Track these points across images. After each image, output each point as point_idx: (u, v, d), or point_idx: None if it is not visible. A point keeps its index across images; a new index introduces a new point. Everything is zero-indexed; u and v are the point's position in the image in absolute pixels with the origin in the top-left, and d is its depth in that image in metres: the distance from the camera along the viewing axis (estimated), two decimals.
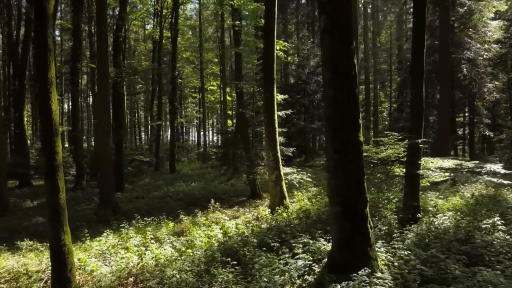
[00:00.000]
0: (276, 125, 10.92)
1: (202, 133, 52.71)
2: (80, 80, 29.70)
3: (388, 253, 5.37)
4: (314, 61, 27.76)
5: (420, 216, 8.24)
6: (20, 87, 22.92)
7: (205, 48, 41.81)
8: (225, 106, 36.80)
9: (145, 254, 6.17)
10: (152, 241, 7.50)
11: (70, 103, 54.18)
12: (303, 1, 40.84)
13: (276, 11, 11.07)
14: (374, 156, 9.02)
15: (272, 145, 10.77)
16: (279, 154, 10.86)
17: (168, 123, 39.36)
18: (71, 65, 21.80)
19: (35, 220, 12.55)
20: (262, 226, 8.70)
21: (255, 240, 6.79)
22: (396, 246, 5.69)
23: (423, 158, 8.86)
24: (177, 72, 30.68)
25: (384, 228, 7.69)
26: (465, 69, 20.15)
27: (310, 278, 4.93)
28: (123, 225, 8.99)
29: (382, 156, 8.89)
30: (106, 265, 6.28)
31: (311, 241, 6.52)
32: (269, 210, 10.01)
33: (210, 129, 57.45)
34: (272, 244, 6.88)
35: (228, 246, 6.60)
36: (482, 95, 21.17)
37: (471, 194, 10.17)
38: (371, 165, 9.31)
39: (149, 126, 48.21)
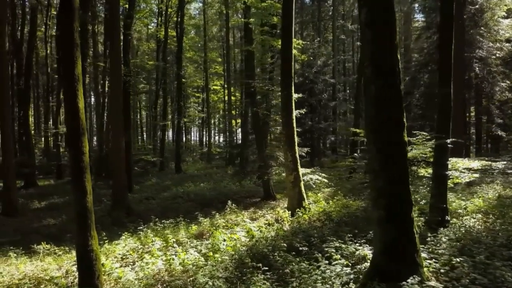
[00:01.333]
0: (294, 125, 10.66)
1: (205, 133, 52.51)
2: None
3: (433, 259, 5.10)
4: (321, 60, 27.52)
5: (448, 218, 7.98)
6: (26, 86, 22.66)
7: (209, 47, 41.55)
8: (230, 106, 36.55)
9: (173, 259, 5.89)
10: (175, 244, 7.23)
11: None
12: (307, 0, 40.55)
13: (293, 8, 10.82)
14: None
15: (290, 145, 10.51)
16: (297, 155, 10.59)
17: (169, 123, 39.13)
18: None
19: (46, 222, 12.27)
20: (284, 228, 8.44)
21: (284, 245, 6.51)
22: (439, 251, 5.43)
23: (450, 159, 8.59)
24: (182, 71, 30.40)
25: None
26: (477, 68, 19.88)
27: (354, 287, 4.66)
28: (140, 227, 8.71)
29: (408, 157, 8.61)
30: (130, 270, 6.00)
31: (343, 246, 6.26)
32: (289, 212, 9.73)
33: (212, 129, 57.10)
34: (300, 248, 6.62)
35: (257, 251, 6.33)
36: (493, 94, 20.93)
37: (497, 195, 9.90)
38: None
39: (151, 126, 47.95)
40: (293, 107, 10.63)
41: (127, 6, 19.37)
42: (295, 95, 11.85)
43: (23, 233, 10.56)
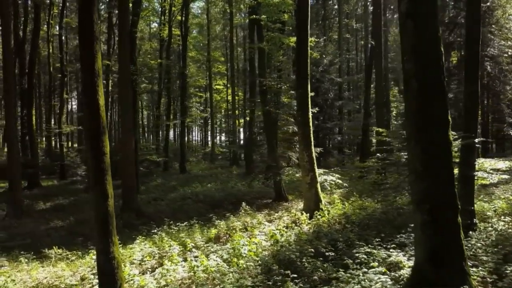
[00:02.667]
0: (311, 124, 10.32)
1: (209, 132, 52.08)
2: None
3: (479, 267, 4.77)
4: (327, 59, 27.15)
5: (476, 221, 7.65)
6: (29, 86, 22.31)
7: (212, 46, 41.17)
8: (234, 106, 36.17)
9: (197, 266, 5.54)
10: (193, 249, 6.90)
11: (75, 102, 53.48)
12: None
13: (309, 3, 10.49)
14: None
15: (306, 145, 10.17)
16: (313, 155, 10.26)
17: (171, 123, 38.61)
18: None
19: (54, 224, 11.92)
20: (305, 231, 8.10)
21: (312, 250, 6.18)
22: (482, 258, 5.10)
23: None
24: (190, 70, 30.04)
25: None
26: (488, 67, 19.56)
27: None
28: (154, 230, 8.38)
29: None
30: (150, 277, 5.66)
31: (374, 251, 5.92)
32: (307, 214, 9.39)
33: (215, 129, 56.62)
34: (326, 254, 6.30)
35: (283, 256, 5.99)
36: (505, 93, 20.63)
37: None
38: None
39: (153, 126, 47.50)
40: (309, 106, 10.31)
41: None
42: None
43: (31, 236, 10.22)
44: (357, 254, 5.85)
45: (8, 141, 13.93)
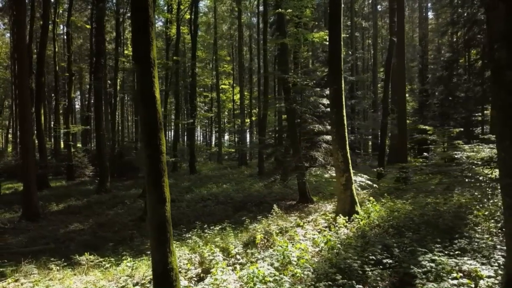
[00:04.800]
0: (345, 122, 9.84)
1: (214, 132, 51.64)
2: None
3: None
4: None
5: None
6: (38, 85, 21.82)
7: (218, 45, 40.70)
8: (242, 105, 35.74)
9: (257, 276, 5.05)
10: (238, 256, 6.42)
11: (78, 103, 52.96)
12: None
13: None
14: (474, 156, 7.93)
15: (341, 144, 9.68)
16: (348, 155, 9.77)
17: (173, 123, 37.99)
18: (94, 61, 20.67)
19: (73, 227, 11.40)
20: (347, 235, 7.62)
21: (373, 257, 5.70)
22: None
23: None
24: (196, 70, 29.53)
25: None
26: None
27: None
28: (187, 235, 7.90)
29: (484, 156, 7.81)
30: None
31: (441, 259, 5.44)
32: (345, 217, 8.89)
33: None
34: (384, 261, 5.82)
35: (344, 265, 5.50)
36: None
37: None
38: (473, 166, 8.18)
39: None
40: (344, 103, 9.82)
41: None
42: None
43: (54, 239, 9.72)
44: (423, 262, 5.38)
45: (23, 142, 13.42)
